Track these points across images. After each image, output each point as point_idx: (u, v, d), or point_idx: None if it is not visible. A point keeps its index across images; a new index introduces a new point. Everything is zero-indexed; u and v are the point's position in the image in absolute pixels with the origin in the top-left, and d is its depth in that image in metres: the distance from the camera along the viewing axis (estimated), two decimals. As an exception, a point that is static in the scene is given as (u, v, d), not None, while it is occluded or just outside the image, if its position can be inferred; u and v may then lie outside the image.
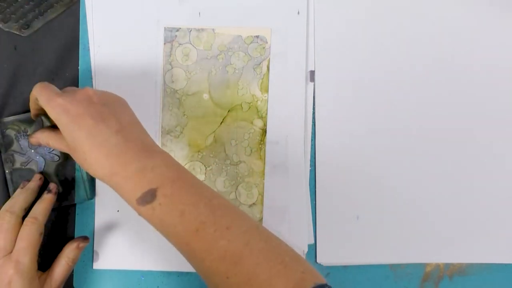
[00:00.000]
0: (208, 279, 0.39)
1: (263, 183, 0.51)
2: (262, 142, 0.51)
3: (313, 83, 0.51)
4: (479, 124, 0.52)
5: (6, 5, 0.50)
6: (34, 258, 0.43)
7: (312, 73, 0.52)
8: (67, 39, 0.51)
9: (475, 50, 0.53)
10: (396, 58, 0.52)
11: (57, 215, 0.50)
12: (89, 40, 0.51)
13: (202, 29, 0.51)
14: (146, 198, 0.38)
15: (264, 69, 0.51)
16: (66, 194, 0.49)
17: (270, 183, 0.51)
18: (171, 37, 0.51)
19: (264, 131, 0.51)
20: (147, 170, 0.38)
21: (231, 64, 0.51)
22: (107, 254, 0.50)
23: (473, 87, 0.52)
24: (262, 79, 0.51)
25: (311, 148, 0.51)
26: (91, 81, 0.50)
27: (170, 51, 0.51)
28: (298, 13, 0.51)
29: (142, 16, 0.51)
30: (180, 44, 0.51)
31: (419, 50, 0.52)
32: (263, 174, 0.51)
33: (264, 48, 0.51)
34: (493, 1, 0.53)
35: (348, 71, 0.52)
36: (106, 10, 0.51)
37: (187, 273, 0.50)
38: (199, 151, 0.51)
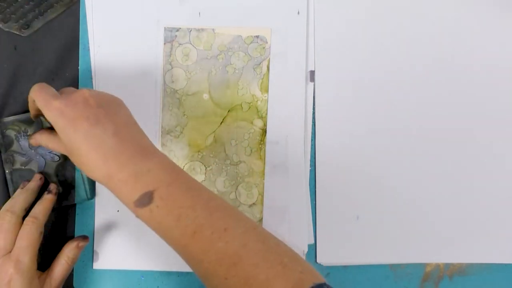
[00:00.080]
0: (206, 281, 0.39)
1: (263, 183, 0.51)
2: (262, 142, 0.51)
3: (313, 83, 0.51)
4: (479, 124, 0.52)
5: (6, 5, 0.50)
6: (34, 257, 0.43)
7: (312, 73, 0.52)
8: (67, 39, 0.51)
9: (475, 50, 0.53)
10: (396, 58, 0.52)
11: (57, 215, 0.50)
12: (89, 40, 0.51)
13: (202, 29, 0.51)
14: (143, 201, 0.38)
15: (264, 69, 0.51)
16: (66, 194, 0.49)
17: (270, 183, 0.51)
18: (171, 37, 0.51)
19: (264, 131, 0.51)
20: (143, 172, 0.38)
21: (231, 64, 0.51)
22: (107, 254, 0.50)
23: (473, 87, 0.52)
24: (262, 79, 0.51)
25: (311, 148, 0.51)
26: (91, 81, 0.50)
27: (170, 51, 0.51)
28: (298, 13, 0.51)
29: (142, 16, 0.51)
30: (180, 44, 0.51)
31: (419, 50, 0.52)
32: (263, 174, 0.51)
33: (264, 48, 0.51)
34: (493, 1, 0.53)
35: (348, 71, 0.52)
36: (106, 10, 0.51)
37: (187, 273, 0.50)
38: (199, 151, 0.51)
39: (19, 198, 0.45)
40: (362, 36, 0.52)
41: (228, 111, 0.51)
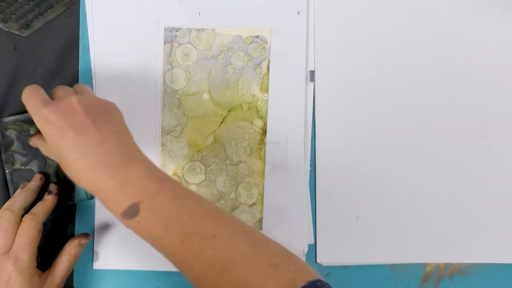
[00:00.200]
0: (198, 286, 0.39)
1: (263, 183, 0.51)
2: (262, 142, 0.51)
3: (313, 83, 0.51)
4: (479, 124, 0.52)
5: (6, 5, 0.50)
6: (33, 254, 0.43)
7: (312, 73, 0.52)
8: (67, 39, 0.51)
9: (475, 50, 0.52)
10: (396, 58, 0.52)
11: (57, 215, 0.50)
12: (89, 40, 0.51)
13: (202, 29, 0.51)
14: (130, 212, 0.38)
15: (264, 69, 0.51)
16: (66, 194, 0.49)
17: (270, 183, 0.51)
18: (171, 37, 0.51)
19: (264, 131, 0.51)
20: (128, 183, 0.38)
21: (231, 64, 0.51)
22: (107, 254, 0.50)
23: (473, 87, 0.52)
24: (262, 79, 0.51)
25: (311, 148, 0.51)
26: (91, 81, 0.50)
27: (170, 51, 0.51)
28: (298, 13, 0.51)
29: (142, 16, 0.51)
30: (180, 44, 0.51)
31: (419, 50, 0.52)
32: (263, 174, 0.51)
33: (264, 48, 0.51)
34: (493, 1, 0.53)
35: (348, 71, 0.52)
36: (106, 10, 0.51)
37: (187, 273, 0.50)
38: (199, 151, 0.51)
39: (19, 198, 0.45)
40: (362, 36, 0.52)
41: (228, 111, 0.51)
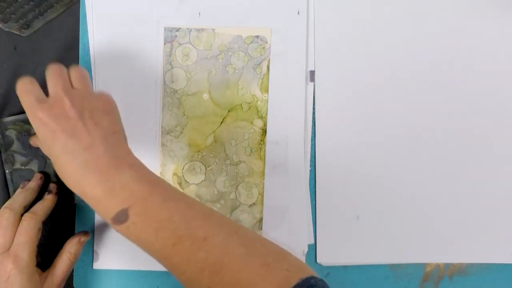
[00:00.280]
0: None
1: (263, 183, 0.51)
2: (262, 142, 0.51)
3: (313, 83, 0.51)
4: (479, 124, 0.52)
5: (6, 5, 0.50)
6: (33, 253, 0.43)
7: (312, 73, 0.52)
8: (67, 39, 0.51)
9: (475, 50, 0.52)
10: (396, 58, 0.52)
11: (57, 215, 0.50)
12: (89, 40, 0.51)
13: (202, 29, 0.51)
14: (120, 218, 0.38)
15: (264, 69, 0.51)
16: (66, 194, 0.49)
17: (270, 183, 0.51)
18: (171, 37, 0.51)
19: (264, 131, 0.51)
20: (116, 189, 0.38)
21: (231, 64, 0.51)
22: (107, 254, 0.50)
23: (474, 87, 0.52)
24: (262, 79, 0.51)
25: (311, 148, 0.51)
26: (91, 81, 0.50)
27: (170, 51, 0.51)
28: (298, 13, 0.51)
29: (142, 16, 0.51)
30: (180, 44, 0.51)
31: (419, 49, 0.52)
32: (263, 174, 0.51)
33: (264, 48, 0.51)
34: (494, 1, 0.53)
35: (348, 71, 0.52)
36: (106, 10, 0.51)
37: (187, 273, 0.50)
38: (199, 151, 0.51)
39: (19, 197, 0.45)
40: (362, 36, 0.52)
41: (228, 111, 0.51)
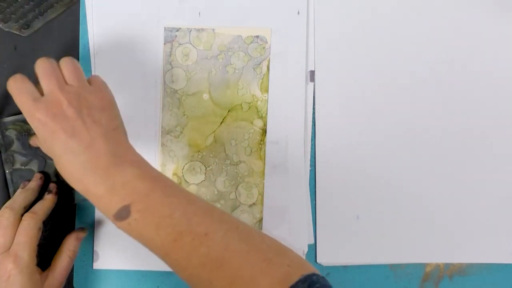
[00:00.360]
0: (192, 285, 0.38)
1: (263, 183, 0.51)
2: (262, 142, 0.51)
3: (313, 83, 0.51)
4: (479, 124, 0.52)
5: (6, 5, 0.50)
6: (33, 252, 0.43)
7: (312, 73, 0.52)
8: (67, 39, 0.51)
9: (476, 50, 0.52)
10: (396, 58, 0.52)
11: (57, 214, 0.50)
12: (89, 40, 0.51)
13: (202, 29, 0.51)
14: (121, 215, 0.38)
15: (264, 69, 0.51)
16: (66, 194, 0.49)
17: (270, 183, 0.51)
18: (171, 37, 0.51)
19: (264, 131, 0.51)
20: (117, 186, 0.38)
21: (231, 64, 0.51)
22: (107, 254, 0.50)
23: (474, 87, 0.52)
24: (262, 79, 0.51)
25: (311, 148, 0.51)
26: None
27: (170, 51, 0.51)
28: (298, 13, 0.51)
29: (142, 16, 0.51)
30: (180, 44, 0.51)
31: (419, 49, 0.52)
32: (263, 174, 0.51)
33: (264, 48, 0.51)
34: (494, 2, 0.53)
35: (348, 71, 0.52)
36: (106, 10, 0.51)
37: (187, 273, 0.50)
38: (199, 151, 0.51)
39: (19, 197, 0.45)
40: (362, 36, 0.52)
41: (228, 111, 0.51)
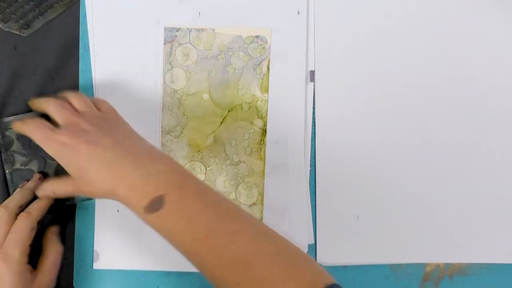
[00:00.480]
0: (218, 286, 0.38)
1: (263, 183, 0.51)
2: (262, 142, 0.51)
3: (313, 83, 0.51)
4: (479, 124, 0.52)
5: (6, 5, 0.50)
6: (24, 251, 0.43)
7: (312, 73, 0.52)
8: (67, 39, 0.51)
9: (476, 51, 0.52)
10: (396, 58, 0.52)
11: (57, 215, 0.50)
12: (89, 40, 0.51)
13: (202, 29, 0.51)
14: (154, 206, 0.38)
15: (264, 69, 0.51)
16: (66, 194, 0.49)
17: (270, 183, 0.51)
18: (171, 37, 0.51)
19: (264, 131, 0.51)
20: (151, 176, 0.38)
21: (231, 64, 0.51)
22: (107, 254, 0.50)
23: (474, 86, 0.52)
24: (262, 79, 0.51)
25: (311, 148, 0.51)
26: (91, 81, 0.50)
27: (170, 51, 0.51)
28: (298, 13, 0.51)
29: (142, 16, 0.51)
30: (180, 44, 0.51)
31: (419, 50, 0.52)
32: (263, 174, 0.51)
33: (264, 48, 0.51)
34: (495, 2, 0.53)
35: (348, 71, 0.52)
36: (106, 10, 0.51)
37: (187, 273, 0.50)
38: (199, 151, 0.51)
39: (15, 196, 0.45)
40: (362, 36, 0.52)
41: (228, 111, 0.51)
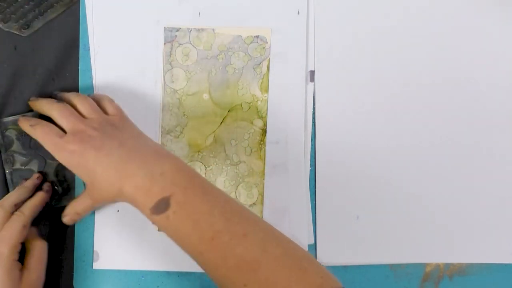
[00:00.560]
0: (223, 287, 0.38)
1: (263, 183, 0.51)
2: (262, 142, 0.51)
3: (313, 83, 0.51)
4: (479, 124, 0.52)
5: (6, 5, 0.50)
6: (14, 249, 0.42)
7: (312, 73, 0.52)
8: (67, 39, 0.51)
9: (476, 51, 0.52)
10: (396, 58, 0.52)
11: (57, 215, 0.49)
12: (89, 40, 0.51)
13: (202, 29, 0.51)
14: (160, 207, 0.38)
15: (264, 69, 0.51)
16: (66, 194, 0.49)
17: (270, 183, 0.51)
18: (171, 37, 0.51)
19: (264, 131, 0.51)
20: (156, 176, 0.38)
21: (231, 64, 0.51)
22: (107, 254, 0.50)
23: (474, 86, 0.52)
24: (262, 79, 0.51)
25: (311, 148, 0.51)
26: (91, 81, 0.50)
27: (170, 51, 0.51)
28: (298, 13, 0.51)
29: (142, 16, 0.51)
30: (180, 44, 0.51)
31: (419, 50, 0.52)
32: (263, 174, 0.51)
33: (264, 48, 0.51)
34: (495, 2, 0.53)
35: (348, 71, 0.52)
36: (106, 10, 0.51)
37: (187, 273, 0.50)
38: (199, 151, 0.51)
39: (12, 195, 0.46)
40: (362, 36, 0.52)
41: (228, 111, 0.51)
